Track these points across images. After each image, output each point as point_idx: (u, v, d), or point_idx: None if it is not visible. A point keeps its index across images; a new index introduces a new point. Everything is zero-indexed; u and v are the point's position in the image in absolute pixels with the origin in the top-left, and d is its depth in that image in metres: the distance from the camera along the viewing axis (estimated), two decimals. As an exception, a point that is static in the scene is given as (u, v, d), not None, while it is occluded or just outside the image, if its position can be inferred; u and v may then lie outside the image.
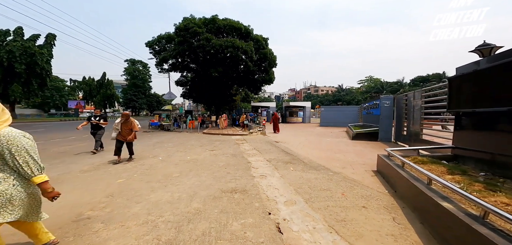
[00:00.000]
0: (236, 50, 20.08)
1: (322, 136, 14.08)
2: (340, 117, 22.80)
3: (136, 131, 6.96)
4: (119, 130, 6.78)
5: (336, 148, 9.53)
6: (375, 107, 12.35)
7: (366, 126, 14.67)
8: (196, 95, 24.91)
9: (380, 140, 11.05)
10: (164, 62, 22.07)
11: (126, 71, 46.77)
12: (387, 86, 55.03)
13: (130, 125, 6.82)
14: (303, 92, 79.37)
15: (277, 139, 12.63)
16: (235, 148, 9.58)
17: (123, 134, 6.79)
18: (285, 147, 9.65)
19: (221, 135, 14.97)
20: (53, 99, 42.07)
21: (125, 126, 6.79)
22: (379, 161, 5.31)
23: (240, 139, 12.83)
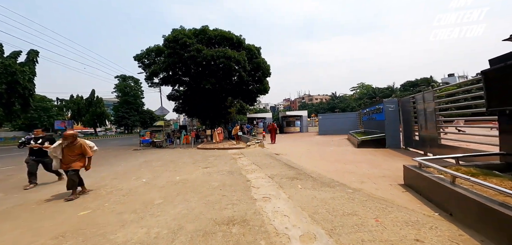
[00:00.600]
0: (229, 60, 19.35)
1: (324, 145, 13.15)
2: (339, 124, 22.08)
3: (89, 156, 5.22)
4: (59, 158, 4.99)
5: (343, 158, 8.57)
6: (378, 112, 11.59)
7: (369, 132, 13.86)
8: (189, 109, 23.83)
9: (388, 147, 10.19)
10: (154, 76, 21.09)
11: (117, 88, 45.39)
12: (379, 92, 55.40)
13: (78, 150, 5.05)
14: (298, 101, 79.20)
15: (276, 151, 11.62)
16: (232, 164, 8.50)
17: (66, 162, 4.96)
18: (287, 160, 8.63)
19: (216, 150, 13.85)
20: (40, 120, 40.07)
21: (70, 151, 4.98)
22: (407, 173, 4.36)
23: (237, 153, 11.75)
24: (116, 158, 11.95)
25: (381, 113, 10.95)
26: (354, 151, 10.04)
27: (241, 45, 22.78)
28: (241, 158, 9.93)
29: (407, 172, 4.38)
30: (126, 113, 41.74)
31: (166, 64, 19.51)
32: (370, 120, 13.74)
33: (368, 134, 13.20)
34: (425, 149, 7.91)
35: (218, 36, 21.79)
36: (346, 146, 12.34)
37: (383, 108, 10.52)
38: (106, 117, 42.03)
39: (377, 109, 11.58)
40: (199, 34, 21.43)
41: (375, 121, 12.43)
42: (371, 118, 13.42)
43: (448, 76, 64.05)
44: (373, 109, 12.61)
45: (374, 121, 12.53)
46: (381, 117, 11.11)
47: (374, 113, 12.45)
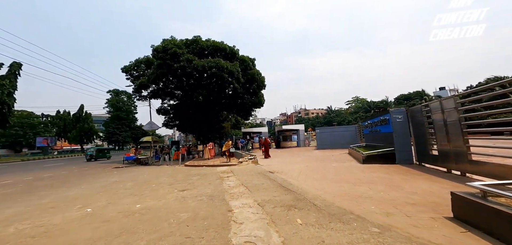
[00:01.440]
0: (221, 71, 18.22)
1: (324, 161, 11.68)
2: (338, 138, 20.74)
3: None
4: None
5: (350, 176, 7.11)
6: (383, 123, 10.30)
7: (373, 147, 12.50)
8: (180, 124, 22.32)
9: (399, 162, 8.80)
10: (142, 89, 19.73)
11: (109, 103, 43.89)
12: (374, 105, 54.94)
13: None
14: (294, 115, 78.33)
15: (272, 168, 10.10)
16: (216, 185, 6.96)
17: None
18: (283, 179, 7.13)
19: (205, 167, 12.27)
20: (25, 137, 37.87)
21: None
22: (459, 203, 2.94)
23: (226, 171, 10.20)
24: (84, 178, 10.30)
25: (387, 125, 9.66)
26: (361, 168, 8.60)
27: (235, 56, 21.82)
28: (229, 177, 8.38)
29: (459, 201, 2.95)
30: (117, 129, 39.66)
31: (154, 76, 18.26)
32: (373, 133, 12.43)
33: (372, 149, 11.83)
34: (448, 165, 6.53)
35: (211, 46, 20.85)
36: (349, 161, 10.90)
37: (390, 119, 9.25)
38: (94, 134, 39.84)
39: (382, 120, 10.30)
40: (191, 45, 20.46)
41: (379, 134, 11.11)
42: (374, 131, 12.12)
43: (439, 89, 64.40)
44: (376, 120, 11.34)
45: (379, 134, 11.21)
46: (387, 129, 9.80)
47: (378, 125, 11.16)
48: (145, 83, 18.62)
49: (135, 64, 19.79)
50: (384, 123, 10.02)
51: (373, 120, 11.77)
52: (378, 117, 10.82)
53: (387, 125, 9.67)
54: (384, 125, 10.09)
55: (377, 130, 11.37)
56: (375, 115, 12.12)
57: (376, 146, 11.71)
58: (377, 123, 11.16)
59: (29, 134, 38.11)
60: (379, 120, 10.59)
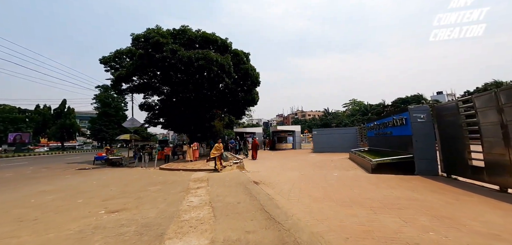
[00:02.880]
0: (210, 64, 16.04)
1: (324, 168, 9.58)
2: (336, 141, 18.72)
3: None
4: None
5: (363, 193, 5.02)
6: (397, 124, 8.24)
7: (379, 151, 10.46)
8: (165, 121, 20.01)
9: (419, 173, 6.75)
10: (122, 82, 17.41)
11: (97, 99, 40.35)
12: (371, 108, 53.33)
13: None
14: (291, 117, 76.29)
15: (258, 176, 7.99)
16: (172, 203, 4.81)
17: None
18: (269, 197, 5.00)
19: (181, 171, 10.11)
20: (6, 132, 35.04)
21: None
22: None
23: (201, 178, 8.04)
24: (13, 183, 8.06)
25: (403, 126, 7.60)
26: (372, 180, 6.51)
27: (227, 49, 19.66)
28: (199, 189, 6.23)
29: None
30: (104, 126, 36.91)
31: (133, 67, 16.02)
32: (381, 136, 10.40)
33: (379, 154, 9.79)
34: (503, 181, 4.48)
35: (200, 38, 18.67)
36: (353, 169, 8.82)
37: (408, 118, 7.20)
38: (76, 130, 36.89)
39: (396, 121, 8.23)
40: (178, 35, 18.27)
41: (391, 137, 9.06)
42: (382, 133, 10.08)
43: (437, 94, 63.17)
44: (387, 121, 9.27)
45: (390, 137, 9.16)
46: (403, 131, 7.76)
47: (389, 126, 9.11)
48: (123, 76, 16.34)
49: (115, 56, 17.47)
50: (399, 123, 7.95)
51: (383, 121, 9.71)
52: (390, 117, 8.76)
53: (403, 126, 7.61)
54: (398, 126, 8.03)
55: (387, 132, 9.31)
56: (387, 114, 10.05)
57: (385, 151, 9.66)
58: (388, 124, 9.10)
59: (10, 129, 35.36)
60: (392, 121, 8.52)
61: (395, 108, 46.89)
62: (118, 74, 16.51)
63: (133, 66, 16.04)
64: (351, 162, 11.20)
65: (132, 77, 17.07)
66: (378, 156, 8.81)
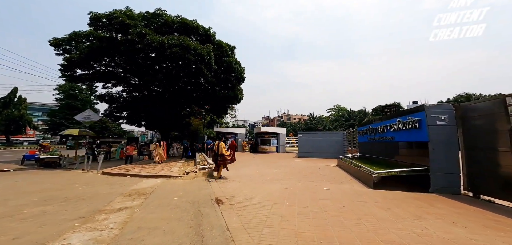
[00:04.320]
0: (186, 52, 13.59)
1: (310, 179, 7.59)
2: (322, 145, 17.03)
3: None
4: None
5: (378, 229, 3.00)
6: (404, 128, 6.43)
7: (373, 160, 8.73)
8: (130, 115, 17.03)
9: (436, 189, 4.96)
10: (76, 67, 14.29)
11: (60, 89, 34.47)
12: (353, 115, 53.35)
13: None
14: (276, 120, 74.79)
15: (227, 189, 5.78)
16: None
17: None
18: (228, 236, 2.79)
19: (126, 177, 7.59)
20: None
21: None
22: None
23: (141, 191, 5.64)
24: None
25: (415, 130, 5.80)
26: (380, 200, 4.57)
27: (210, 40, 17.25)
28: (119, 212, 3.89)
29: None
30: (65, 120, 31.85)
31: (87, 51, 13.09)
32: (376, 142, 8.66)
33: (373, 162, 8.02)
34: None
35: (178, 23, 16.12)
36: (348, 182, 6.90)
37: (423, 120, 5.41)
38: (27, 123, 31.25)
39: (403, 124, 6.41)
40: (151, 19, 15.62)
41: (391, 143, 7.32)
42: (378, 139, 8.33)
43: (413, 103, 65.04)
44: (387, 124, 7.46)
45: (390, 143, 7.41)
46: (412, 137, 5.97)
47: (389, 130, 7.31)
48: (76, 59, 13.28)
49: (71, 38, 14.27)
50: (407, 127, 6.13)
51: (382, 124, 7.92)
52: (394, 119, 6.94)
53: (414, 130, 5.80)
54: (406, 130, 6.22)
55: (387, 137, 7.53)
56: (388, 116, 8.27)
57: (380, 160, 7.91)
58: (390, 127, 7.30)
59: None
60: (396, 124, 6.71)
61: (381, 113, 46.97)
62: (70, 57, 13.44)
63: (88, 49, 13.11)
64: (342, 171, 9.34)
65: (90, 62, 14.04)
66: (376, 166, 6.98)
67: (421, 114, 5.48)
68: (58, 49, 14.29)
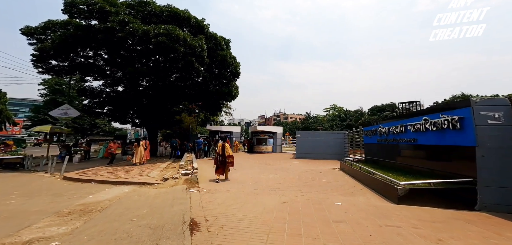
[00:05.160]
0: (174, 42, 12.05)
1: (314, 187, 6.22)
2: (322, 146, 15.73)
3: None
4: None
5: None
6: (434, 128, 5.05)
7: (384, 164, 7.40)
8: (112, 112, 15.28)
9: (485, 206, 3.64)
10: (51, 58, 12.54)
11: (45, 84, 31.86)
12: (349, 114, 52.49)
13: None
14: (273, 119, 73.34)
15: (209, 203, 4.34)
16: None
17: None
18: None
19: (90, 184, 6.07)
20: None
21: None
22: None
23: (89, 207, 4.14)
24: None
25: (455, 131, 4.44)
26: (414, 221, 3.21)
27: (203, 31, 15.69)
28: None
29: None
30: (50, 117, 29.62)
31: (60, 39, 11.41)
32: (387, 144, 7.33)
33: (383, 167, 6.71)
34: None
35: (167, 12, 14.52)
36: (362, 193, 5.54)
37: (469, 119, 4.06)
38: (6, 119, 28.63)
39: (434, 123, 5.02)
40: (136, 7, 13.96)
41: (412, 146, 5.97)
42: (393, 141, 7.00)
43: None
44: (410, 123, 6.08)
45: (411, 146, 6.06)
46: (447, 140, 4.64)
47: (410, 131, 5.96)
48: (48, 49, 11.56)
49: (46, 26, 12.43)
50: (442, 126, 4.75)
51: (399, 123, 6.57)
52: (418, 117, 5.57)
53: (453, 131, 4.45)
54: (440, 130, 4.85)
55: (407, 139, 6.19)
56: (409, 114, 6.86)
57: (397, 166, 6.58)
58: (411, 127, 5.94)
59: None
60: (422, 123, 5.33)
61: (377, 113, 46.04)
62: (41, 47, 11.73)
63: (60, 38, 11.42)
64: (348, 176, 7.99)
65: (67, 52, 12.32)
66: (394, 174, 5.64)
67: (465, 111, 4.12)
68: (31, 39, 12.52)
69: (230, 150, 6.75)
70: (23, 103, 54.84)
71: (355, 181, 7.07)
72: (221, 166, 6.49)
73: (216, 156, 6.63)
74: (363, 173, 6.86)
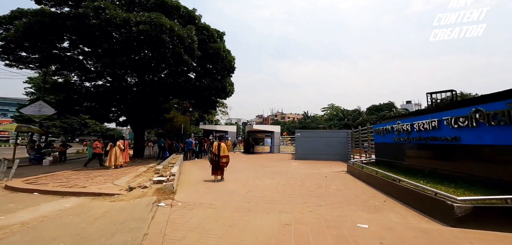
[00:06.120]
0: (159, 32, 10.54)
1: (324, 199, 4.79)
2: (323, 146, 14.33)
3: None
4: None
5: None
6: (498, 123, 3.61)
7: (406, 169, 6.00)
8: (91, 109, 13.54)
9: None
10: (19, 49, 10.84)
11: (31, 82, 29.08)
12: (347, 114, 51.41)
13: None
14: (270, 119, 71.84)
15: (173, 231, 2.82)
16: None
17: None
18: None
19: (29, 194, 4.53)
20: None
21: None
22: None
23: (8, 227, 2.57)
24: None
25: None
26: None
27: (194, 22, 14.16)
28: None
29: None
30: (35, 116, 27.52)
31: (24, 27, 9.80)
32: (410, 143, 5.94)
33: (402, 170, 5.32)
34: None
35: (153, 1, 12.94)
36: (389, 208, 4.12)
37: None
38: None
39: (493, 115, 3.60)
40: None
41: (450, 148, 4.56)
42: (418, 139, 5.59)
43: (406, 103, 63.90)
44: (450, 116, 4.63)
45: (447, 147, 4.66)
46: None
47: (452, 127, 4.54)
48: (11, 39, 9.90)
49: (14, 16, 10.74)
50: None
51: (429, 117, 5.17)
52: (464, 109, 4.17)
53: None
54: (506, 125, 3.41)
55: (440, 137, 4.78)
56: (443, 106, 5.39)
57: (428, 170, 5.19)
58: (449, 122, 4.53)
59: None
60: (469, 116, 3.92)
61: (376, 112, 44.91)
62: (6, 36, 10.09)
63: (24, 26, 9.79)
64: (360, 182, 6.55)
65: (33, 42, 10.63)
66: (427, 181, 4.23)
67: None
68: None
69: (226, 150, 6.51)
70: (12, 103, 52.50)
71: (372, 189, 5.63)
72: (218, 166, 6.29)
73: (212, 157, 6.35)
74: (382, 179, 5.44)
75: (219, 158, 6.25)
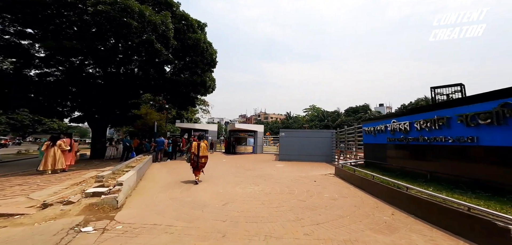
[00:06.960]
0: (124, 14, 8.80)
1: (321, 216, 3.79)
2: (308, 146, 13.58)
3: None
4: None
5: None
6: None
7: (402, 172, 5.32)
8: (33, 102, 10.91)
9: None
10: None
11: None
12: (327, 115, 52.51)
13: None
14: (254, 118, 70.78)
15: None
16: None
17: None
18: None
19: None
20: None
21: None
22: None
23: None
24: None
25: None
26: None
27: (171, 9, 12.43)
28: None
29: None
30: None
31: None
32: (408, 144, 5.27)
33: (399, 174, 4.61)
34: None
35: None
36: (404, 225, 3.26)
37: None
38: None
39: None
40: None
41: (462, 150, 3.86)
42: (420, 140, 4.91)
43: (379, 106, 67.41)
44: (461, 112, 3.94)
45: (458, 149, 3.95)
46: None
47: (465, 125, 3.82)
48: None
49: None
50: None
51: (434, 114, 4.47)
52: (483, 103, 3.45)
53: None
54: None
55: (455, 138, 4.05)
56: (451, 102, 4.67)
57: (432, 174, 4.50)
58: (461, 120, 3.81)
59: None
60: (490, 113, 3.19)
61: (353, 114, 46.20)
62: None
63: None
64: (355, 188, 5.71)
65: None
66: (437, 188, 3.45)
67: None
68: None
69: (206, 151, 6.25)
70: None
71: (371, 197, 4.78)
72: (198, 166, 6.05)
73: (191, 156, 6.08)
74: (382, 186, 4.61)
75: (198, 158, 5.99)
